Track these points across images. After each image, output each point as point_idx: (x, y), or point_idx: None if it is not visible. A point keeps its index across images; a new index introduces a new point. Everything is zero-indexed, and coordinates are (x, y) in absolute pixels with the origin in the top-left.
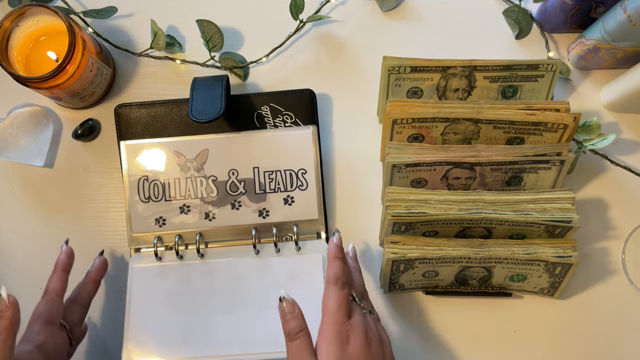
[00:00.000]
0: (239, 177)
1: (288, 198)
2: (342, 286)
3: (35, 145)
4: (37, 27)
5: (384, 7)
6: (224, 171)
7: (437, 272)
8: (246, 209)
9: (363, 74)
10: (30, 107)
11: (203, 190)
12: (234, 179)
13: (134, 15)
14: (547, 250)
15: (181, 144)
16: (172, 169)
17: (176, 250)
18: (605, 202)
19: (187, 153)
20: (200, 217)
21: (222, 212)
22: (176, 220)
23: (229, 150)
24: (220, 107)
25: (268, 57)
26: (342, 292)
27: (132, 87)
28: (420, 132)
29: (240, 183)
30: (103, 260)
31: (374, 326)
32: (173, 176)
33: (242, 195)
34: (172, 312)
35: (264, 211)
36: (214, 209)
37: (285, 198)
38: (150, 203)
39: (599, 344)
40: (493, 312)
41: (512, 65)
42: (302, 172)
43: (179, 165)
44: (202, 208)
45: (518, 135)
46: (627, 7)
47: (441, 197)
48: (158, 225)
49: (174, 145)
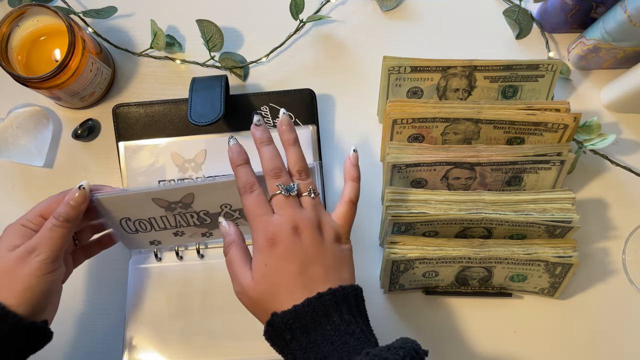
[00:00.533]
0: (233, 209)
1: None
2: (250, 189)
3: (35, 145)
4: (37, 27)
5: (384, 7)
6: (216, 205)
7: (437, 272)
8: (244, 227)
9: (363, 74)
10: (30, 107)
11: (195, 220)
12: (227, 210)
13: (134, 15)
14: (548, 250)
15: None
16: (155, 211)
17: (176, 251)
18: (605, 202)
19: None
20: (197, 237)
21: (218, 231)
22: (172, 241)
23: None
24: (220, 109)
25: (268, 57)
26: (252, 195)
27: (132, 87)
28: (421, 132)
29: (235, 212)
30: None
31: (310, 211)
32: (159, 214)
33: (239, 219)
34: (172, 313)
35: None
36: (210, 230)
37: None
38: (140, 234)
39: (599, 344)
40: (493, 312)
41: (512, 65)
42: None
43: (162, 207)
44: (197, 231)
45: (518, 135)
46: (627, 7)
47: (441, 197)
48: (153, 246)
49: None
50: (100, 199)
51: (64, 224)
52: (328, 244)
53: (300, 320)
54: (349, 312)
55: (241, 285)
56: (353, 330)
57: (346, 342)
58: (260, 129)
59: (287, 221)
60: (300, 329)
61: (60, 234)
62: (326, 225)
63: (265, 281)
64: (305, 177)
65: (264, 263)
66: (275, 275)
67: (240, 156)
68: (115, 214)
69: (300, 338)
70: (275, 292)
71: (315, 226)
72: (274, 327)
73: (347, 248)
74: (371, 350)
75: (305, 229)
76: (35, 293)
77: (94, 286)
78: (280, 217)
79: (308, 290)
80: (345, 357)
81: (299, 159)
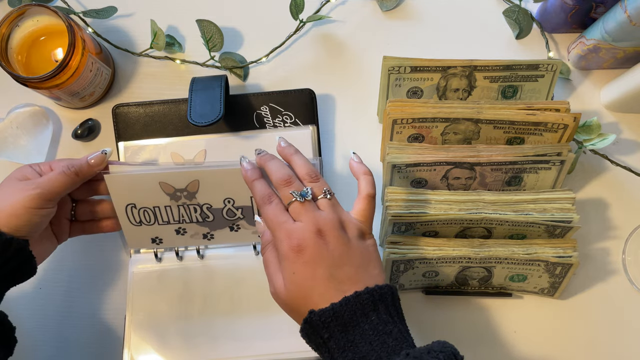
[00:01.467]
0: (235, 205)
1: None
2: (269, 200)
3: (35, 145)
4: (37, 27)
5: (384, 7)
6: (219, 199)
7: (437, 272)
8: (245, 231)
9: (363, 74)
10: (30, 107)
11: (198, 215)
12: (230, 207)
13: (134, 15)
14: (548, 250)
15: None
16: (161, 198)
17: (176, 252)
18: (605, 202)
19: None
20: (198, 237)
21: (220, 233)
22: (173, 240)
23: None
24: (220, 110)
25: (268, 57)
26: (272, 205)
27: (132, 87)
28: (420, 132)
29: (238, 210)
30: None
31: (329, 212)
32: (163, 204)
33: (241, 220)
34: (171, 314)
35: None
36: (212, 230)
37: None
38: (143, 227)
39: (599, 344)
40: (493, 312)
41: (512, 65)
42: None
43: (168, 194)
44: (199, 230)
45: (518, 135)
46: (627, 7)
47: (441, 197)
48: (155, 244)
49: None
50: (109, 178)
51: (72, 175)
52: (354, 243)
53: (339, 319)
54: (386, 311)
55: (275, 289)
56: (391, 330)
57: (384, 341)
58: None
59: (309, 226)
60: (338, 327)
61: (63, 181)
62: (348, 223)
63: (296, 288)
64: (316, 179)
65: (292, 271)
66: (305, 281)
67: (254, 172)
68: (121, 197)
69: (338, 337)
70: (308, 297)
71: (338, 227)
72: (311, 324)
73: (372, 243)
74: (411, 351)
75: (329, 231)
76: (20, 221)
77: (94, 286)
78: (302, 223)
79: (341, 292)
80: (384, 357)
81: (305, 163)
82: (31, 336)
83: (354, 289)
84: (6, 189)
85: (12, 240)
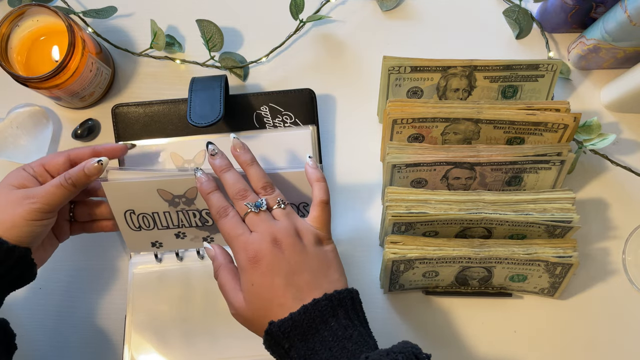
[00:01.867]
0: None
1: None
2: (224, 213)
3: (35, 145)
4: (37, 27)
5: (384, 7)
6: None
7: (437, 272)
8: None
9: (363, 74)
10: (30, 107)
11: (197, 220)
12: None
13: (134, 15)
14: (548, 250)
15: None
16: (159, 204)
17: (176, 252)
18: (605, 202)
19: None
20: (198, 241)
21: (220, 236)
22: (173, 244)
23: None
24: (220, 110)
25: (268, 57)
26: (227, 218)
27: (132, 87)
28: (421, 132)
29: None
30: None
31: (284, 221)
32: (162, 210)
33: None
34: (172, 314)
35: None
36: (212, 234)
37: None
38: (142, 232)
39: (599, 344)
40: (493, 312)
41: (512, 65)
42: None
43: (166, 201)
44: (199, 234)
45: (518, 135)
46: (628, 7)
47: (441, 197)
48: (155, 247)
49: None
50: (107, 185)
51: (70, 187)
52: (310, 250)
53: (298, 328)
54: (345, 316)
55: (235, 308)
56: (351, 334)
57: (344, 346)
58: (217, 157)
59: (264, 236)
60: (298, 336)
61: (61, 193)
62: (304, 230)
63: (256, 300)
64: (271, 191)
65: (250, 283)
66: (264, 292)
67: (209, 184)
68: (119, 204)
69: (298, 346)
70: (268, 308)
71: (293, 234)
72: (272, 335)
73: (330, 249)
74: (370, 354)
75: (285, 239)
76: (22, 232)
77: (94, 287)
78: (257, 234)
79: (300, 300)
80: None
81: (261, 175)
82: (31, 336)
83: (312, 296)
84: (4, 198)
85: (14, 249)
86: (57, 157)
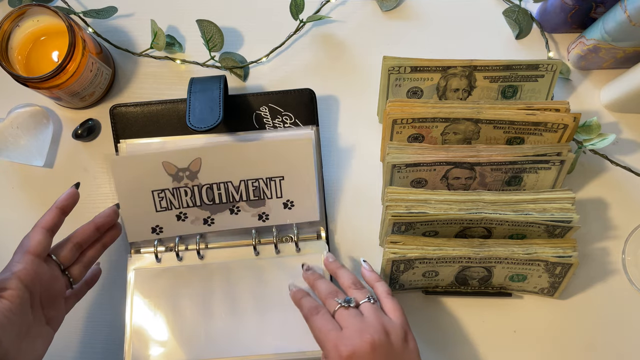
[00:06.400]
0: (235, 185)
1: (288, 202)
2: (316, 311)
3: (35, 145)
4: (37, 27)
5: (384, 7)
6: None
7: (437, 272)
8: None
9: (363, 74)
10: (30, 107)
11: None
12: (231, 188)
13: (134, 15)
14: (547, 250)
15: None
16: (163, 180)
17: (176, 252)
18: (605, 202)
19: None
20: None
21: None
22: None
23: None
24: (219, 114)
25: (268, 57)
26: (319, 315)
27: (132, 87)
28: (420, 132)
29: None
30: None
31: (373, 319)
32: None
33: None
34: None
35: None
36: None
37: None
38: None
39: (599, 344)
40: (493, 312)
41: (512, 65)
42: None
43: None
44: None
45: (518, 135)
46: (627, 7)
47: (441, 197)
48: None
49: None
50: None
51: None
52: (398, 349)
53: None
54: None
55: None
56: None
57: None
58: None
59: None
60: None
61: None
62: (391, 329)
63: None
64: (360, 287)
65: None
66: None
67: (299, 292)
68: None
69: None
70: None
71: (383, 332)
72: None
73: (413, 347)
74: None
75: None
76: None
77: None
78: (349, 330)
79: None
80: None
81: (350, 275)
82: None
83: None
84: None
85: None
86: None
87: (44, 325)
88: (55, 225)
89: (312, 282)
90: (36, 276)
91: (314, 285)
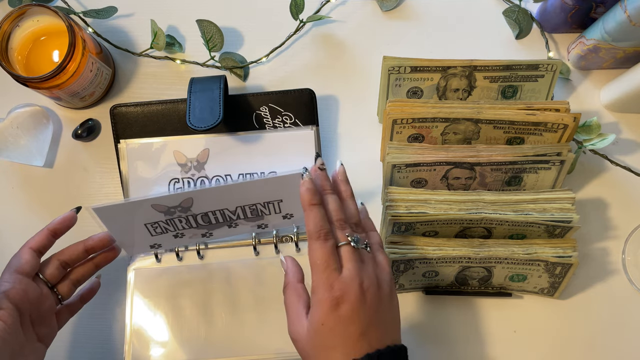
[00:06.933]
0: (231, 210)
1: (287, 215)
2: (325, 237)
3: (35, 145)
4: (37, 27)
5: (384, 7)
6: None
7: (437, 272)
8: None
9: (363, 74)
10: (30, 107)
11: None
12: (227, 213)
13: (134, 15)
14: (547, 250)
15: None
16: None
17: (176, 252)
18: (605, 202)
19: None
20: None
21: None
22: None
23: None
24: (219, 114)
25: (268, 57)
26: (326, 245)
27: (132, 87)
28: (420, 132)
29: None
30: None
31: (370, 268)
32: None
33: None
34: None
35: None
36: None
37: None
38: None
39: (599, 344)
40: (493, 312)
41: (512, 65)
42: None
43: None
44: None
45: (518, 135)
46: (627, 7)
47: (441, 197)
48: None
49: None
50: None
51: None
52: (385, 303)
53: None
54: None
55: (294, 333)
56: None
57: None
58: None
59: (354, 279)
60: None
61: None
62: (382, 282)
63: (322, 339)
64: (361, 231)
65: (321, 322)
66: (333, 336)
67: (314, 196)
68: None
69: None
70: (331, 349)
71: (376, 283)
72: None
73: (397, 304)
74: None
75: (370, 287)
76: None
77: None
78: (349, 273)
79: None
80: None
81: (356, 212)
82: None
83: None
84: None
85: None
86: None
87: (36, 342)
88: (44, 246)
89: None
90: (25, 295)
91: (325, 198)
